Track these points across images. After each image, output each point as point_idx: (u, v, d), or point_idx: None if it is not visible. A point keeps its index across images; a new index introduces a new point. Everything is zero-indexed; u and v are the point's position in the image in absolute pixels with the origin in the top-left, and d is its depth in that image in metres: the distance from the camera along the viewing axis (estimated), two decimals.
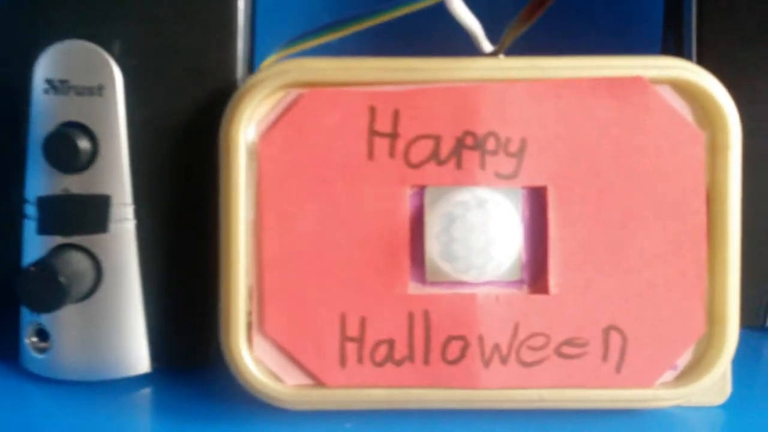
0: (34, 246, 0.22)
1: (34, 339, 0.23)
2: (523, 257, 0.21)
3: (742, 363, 0.22)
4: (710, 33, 0.24)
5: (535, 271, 0.21)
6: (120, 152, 0.22)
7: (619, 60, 0.21)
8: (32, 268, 0.20)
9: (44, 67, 0.22)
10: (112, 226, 0.22)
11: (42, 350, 0.23)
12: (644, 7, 0.29)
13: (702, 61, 0.24)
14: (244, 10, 0.22)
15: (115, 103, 0.22)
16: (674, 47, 0.27)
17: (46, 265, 0.20)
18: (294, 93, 0.21)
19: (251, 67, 0.24)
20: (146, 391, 0.24)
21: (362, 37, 0.23)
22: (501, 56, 0.22)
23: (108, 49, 0.22)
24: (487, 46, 0.23)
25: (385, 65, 0.21)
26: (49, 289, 0.20)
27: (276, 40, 0.24)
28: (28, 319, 0.23)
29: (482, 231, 0.20)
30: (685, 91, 0.21)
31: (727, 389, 0.22)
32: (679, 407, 0.21)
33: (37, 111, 0.22)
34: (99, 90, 0.22)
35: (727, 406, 0.22)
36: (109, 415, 0.22)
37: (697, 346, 0.21)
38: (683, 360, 0.21)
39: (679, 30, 0.27)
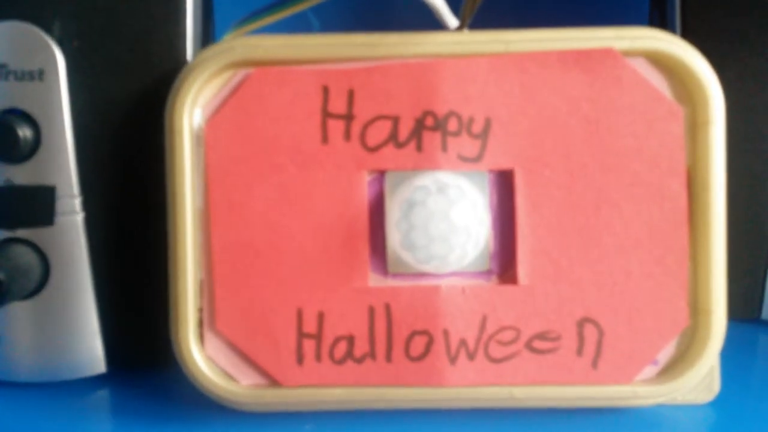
0: None
1: None
2: (491, 246, 0.20)
3: (733, 358, 0.21)
4: (695, 3, 0.23)
5: (504, 260, 0.20)
6: (64, 140, 0.21)
7: (588, 31, 0.19)
8: None
9: None
10: (59, 219, 0.21)
11: None
12: None
13: (686, 32, 0.23)
14: None
15: (57, 88, 0.20)
16: (658, 20, 0.25)
17: None
18: (241, 73, 0.19)
19: (200, 42, 0.22)
20: (102, 393, 0.23)
21: (322, 14, 0.22)
22: (465, 31, 0.21)
23: (48, 30, 0.20)
24: (452, 21, 0.22)
25: (337, 41, 0.19)
26: None
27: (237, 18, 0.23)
28: None
29: (443, 218, 0.18)
30: (662, 63, 0.19)
31: (715, 386, 0.20)
32: (662, 406, 0.20)
33: None
34: (39, 74, 0.20)
35: (715, 405, 0.20)
36: (64, 418, 0.21)
37: (680, 339, 0.19)
38: (665, 355, 0.19)
39: (664, 15, 0.25)
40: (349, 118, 0.19)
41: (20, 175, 0.21)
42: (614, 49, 0.19)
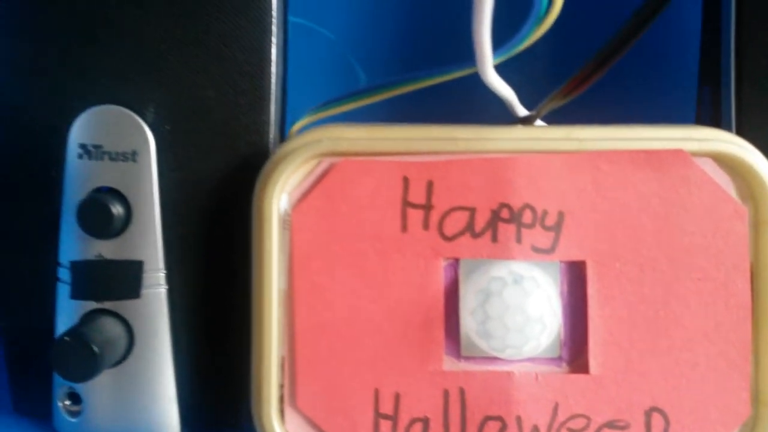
0: (67, 310, 0.22)
1: (67, 402, 0.23)
2: (562, 333, 0.20)
3: None
4: (750, 97, 0.24)
5: (575, 348, 0.20)
6: (153, 218, 0.22)
7: (658, 131, 0.20)
8: (66, 338, 0.20)
9: (79, 132, 0.22)
10: (144, 292, 0.22)
11: (74, 413, 0.23)
12: (679, 65, 0.28)
13: (741, 126, 0.23)
14: (276, 74, 0.22)
15: (148, 169, 0.22)
16: (710, 108, 0.26)
17: (79, 334, 0.20)
18: (326, 162, 0.21)
19: (282, 130, 0.23)
20: None
21: (393, 99, 0.23)
22: (537, 122, 0.22)
23: (142, 114, 0.22)
24: (521, 111, 0.23)
25: (418, 135, 0.20)
26: (82, 358, 0.20)
27: (307, 102, 0.24)
28: (61, 381, 0.23)
29: (519, 310, 0.19)
30: (728, 164, 0.20)
31: None
32: None
33: (71, 175, 0.22)
34: (133, 155, 0.22)
35: None
36: None
37: (742, 429, 0.20)
38: None
39: (717, 91, 0.26)
40: (427, 208, 0.20)
41: (111, 249, 0.22)
42: (684, 150, 0.20)
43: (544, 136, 0.20)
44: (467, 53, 0.20)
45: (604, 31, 0.21)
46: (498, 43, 0.20)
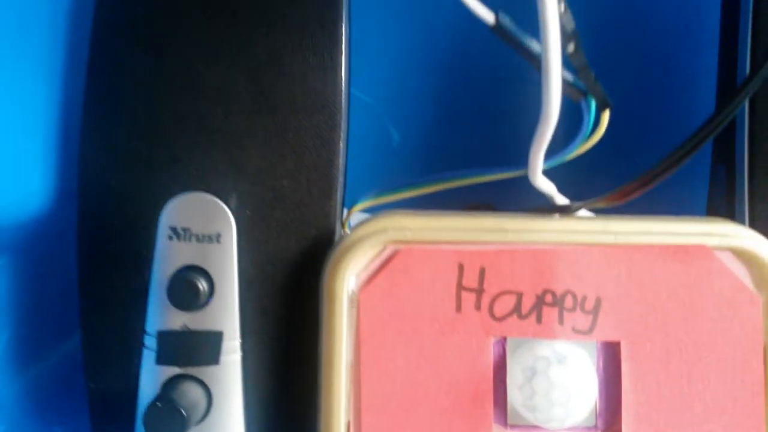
0: (151, 374, 0.25)
1: None
2: (598, 405, 0.23)
3: None
4: (763, 186, 0.26)
5: (609, 418, 0.23)
6: (233, 293, 0.24)
7: (684, 225, 0.23)
8: (158, 403, 0.23)
9: (169, 216, 0.24)
10: (222, 359, 0.24)
11: None
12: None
13: (755, 213, 0.26)
14: (342, 164, 0.25)
15: (230, 249, 0.24)
16: (724, 188, 0.29)
17: (169, 400, 0.23)
18: (391, 249, 0.23)
19: (341, 210, 0.26)
20: None
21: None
22: (579, 212, 0.25)
23: (226, 201, 0.24)
24: (561, 200, 0.26)
25: (471, 225, 0.23)
26: (172, 422, 0.22)
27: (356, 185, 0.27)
28: None
29: (563, 387, 0.22)
30: (745, 257, 0.23)
31: None
32: None
33: (161, 254, 0.25)
34: (217, 237, 0.24)
35: None
36: None
37: None
38: None
39: (732, 172, 0.29)
40: (479, 291, 0.23)
41: (194, 321, 0.24)
42: (706, 246, 0.23)
43: (583, 228, 0.23)
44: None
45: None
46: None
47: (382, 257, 0.23)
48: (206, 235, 0.24)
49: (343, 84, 0.25)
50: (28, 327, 0.28)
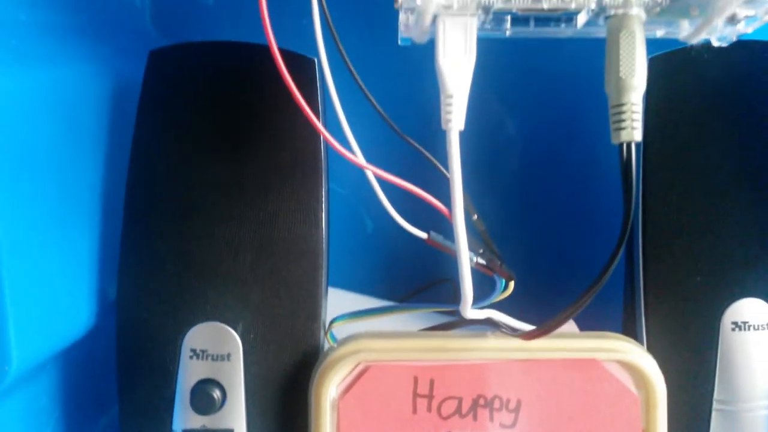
0: None
1: None
2: None
3: None
4: (653, 310, 0.34)
5: None
6: (241, 399, 0.32)
7: (584, 342, 0.31)
8: None
9: (190, 340, 0.32)
10: None
11: None
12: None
13: (649, 329, 0.34)
14: (324, 294, 0.33)
15: (238, 365, 0.32)
16: (632, 309, 0.37)
17: None
18: (362, 366, 0.31)
19: (325, 326, 0.33)
20: None
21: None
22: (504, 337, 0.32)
23: (234, 327, 0.32)
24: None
25: (423, 347, 0.31)
26: None
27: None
28: None
29: None
30: (627, 366, 0.31)
31: None
32: None
33: (184, 370, 0.32)
34: (228, 356, 0.32)
35: None
36: None
37: None
38: None
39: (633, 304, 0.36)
40: (430, 397, 0.30)
41: (211, 421, 0.31)
42: (597, 359, 0.30)
43: (507, 346, 0.31)
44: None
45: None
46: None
47: (356, 372, 0.31)
48: (219, 355, 0.32)
49: (323, 233, 0.32)
50: (73, 426, 0.35)
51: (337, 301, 0.42)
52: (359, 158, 0.26)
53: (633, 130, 0.23)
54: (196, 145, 0.32)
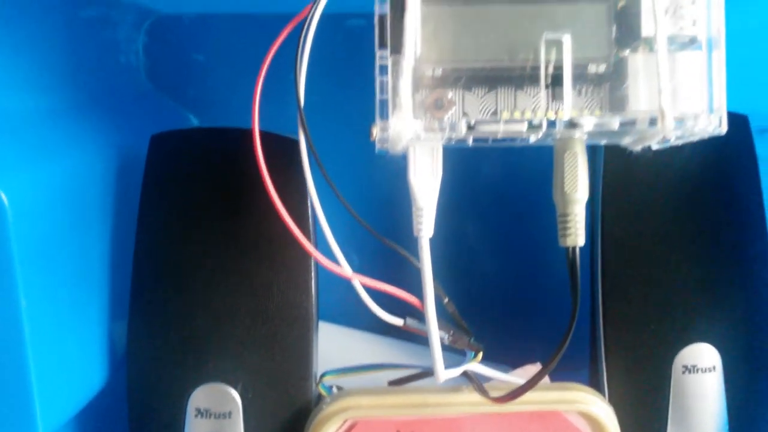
0: None
1: None
2: None
3: None
4: (612, 359, 0.38)
5: None
6: None
7: (549, 394, 0.34)
8: None
9: (195, 400, 0.35)
10: None
11: None
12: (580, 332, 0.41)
13: (610, 377, 0.38)
14: (315, 355, 0.36)
15: (238, 423, 0.35)
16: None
17: None
18: (350, 421, 0.34)
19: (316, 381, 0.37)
20: None
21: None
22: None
23: (235, 387, 0.35)
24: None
25: (405, 402, 0.34)
26: None
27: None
28: None
29: None
30: (587, 416, 0.34)
31: None
32: None
33: (189, 427, 0.35)
34: (229, 414, 0.35)
35: None
36: None
37: None
38: None
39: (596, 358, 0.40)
40: None
41: None
42: (560, 411, 0.34)
43: (479, 401, 0.34)
44: None
45: None
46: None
47: (345, 427, 0.34)
48: (221, 413, 0.35)
49: (313, 300, 0.36)
50: None
51: (328, 336, 0.46)
52: (345, 269, 0.29)
53: (577, 236, 0.26)
54: (195, 221, 0.36)
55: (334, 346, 0.47)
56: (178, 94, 0.51)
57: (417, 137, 0.25)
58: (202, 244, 0.36)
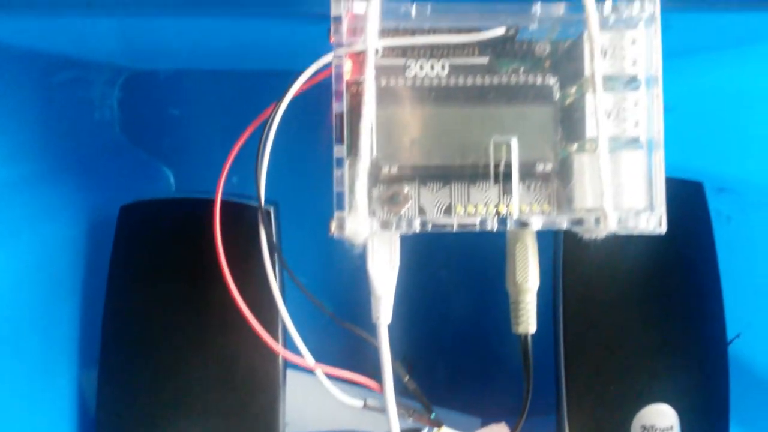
0: None
1: None
2: None
3: None
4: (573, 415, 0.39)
5: None
6: None
7: None
8: None
9: None
10: None
11: None
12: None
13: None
14: (282, 421, 0.37)
15: None
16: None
17: None
18: None
19: None
20: None
21: None
22: None
23: None
24: None
25: None
26: None
27: None
28: None
29: None
30: None
31: None
32: None
33: None
34: None
35: None
36: None
37: None
38: None
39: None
40: None
41: None
42: None
43: None
44: None
45: None
46: None
47: None
48: None
49: (280, 370, 0.37)
50: None
51: (297, 385, 0.46)
52: (308, 360, 0.30)
53: (528, 324, 0.27)
54: (163, 290, 0.36)
55: (305, 398, 0.48)
56: (154, 147, 0.52)
57: (374, 231, 0.26)
58: (169, 313, 0.36)
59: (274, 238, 0.37)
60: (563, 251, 0.38)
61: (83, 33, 0.40)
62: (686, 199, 0.42)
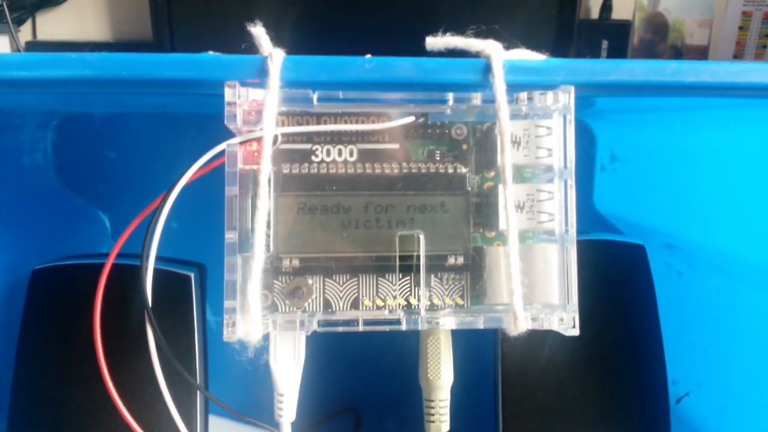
0: None
1: None
2: None
3: None
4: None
5: None
6: None
7: None
8: None
9: None
10: None
11: None
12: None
13: None
14: None
15: None
16: None
17: None
18: None
19: None
20: None
21: None
22: None
23: None
24: None
25: None
26: None
27: None
28: None
29: None
30: None
31: None
32: None
33: None
34: None
35: None
36: None
37: None
38: None
39: None
40: None
41: None
42: None
43: None
44: None
45: None
46: None
47: None
48: None
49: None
50: None
51: None
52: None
53: (441, 423, 0.26)
54: (73, 353, 0.35)
55: None
56: (89, 191, 0.50)
57: (274, 329, 0.24)
58: (80, 378, 0.34)
59: (194, 305, 0.36)
60: None
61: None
62: (628, 261, 0.41)
